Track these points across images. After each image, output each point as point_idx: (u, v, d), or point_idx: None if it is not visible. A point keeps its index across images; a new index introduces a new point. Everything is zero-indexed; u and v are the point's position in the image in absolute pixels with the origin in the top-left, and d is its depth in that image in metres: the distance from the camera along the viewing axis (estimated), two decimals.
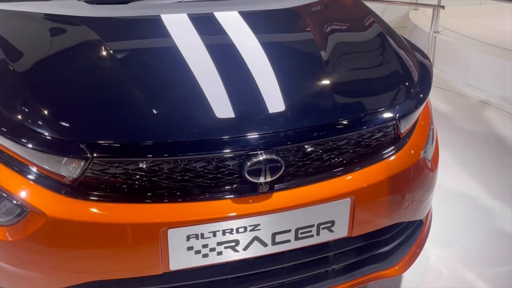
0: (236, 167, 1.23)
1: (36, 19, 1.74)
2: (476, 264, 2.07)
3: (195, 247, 1.22)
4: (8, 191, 1.22)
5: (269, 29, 1.79)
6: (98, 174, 1.19)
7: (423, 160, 1.55)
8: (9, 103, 1.33)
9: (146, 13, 1.78)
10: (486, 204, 2.53)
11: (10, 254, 1.25)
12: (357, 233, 1.40)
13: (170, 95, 1.38)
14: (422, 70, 1.68)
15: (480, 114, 3.74)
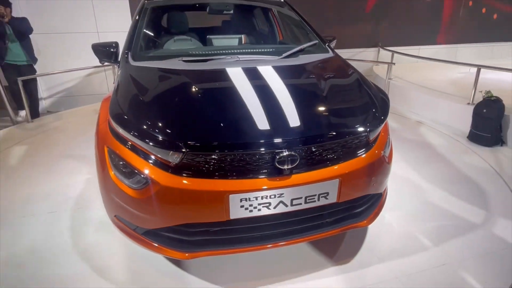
0: (270, 159, 1.46)
1: (154, 71, 1.98)
2: (415, 221, 2.28)
3: (244, 205, 1.46)
4: (139, 169, 1.48)
5: (289, 76, 1.93)
6: (189, 161, 1.44)
7: (383, 157, 1.72)
8: (139, 118, 1.55)
9: (217, 67, 1.99)
10: (420, 184, 2.77)
11: (139, 206, 1.51)
12: (343, 199, 1.60)
13: (231, 114, 1.58)
14: (383, 102, 1.86)
15: (416, 129, 4.06)
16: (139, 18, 2.54)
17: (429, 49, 7.26)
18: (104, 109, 1.84)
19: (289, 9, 2.90)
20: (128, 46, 2.29)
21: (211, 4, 2.77)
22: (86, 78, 5.55)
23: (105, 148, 1.65)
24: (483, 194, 2.64)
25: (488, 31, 7.62)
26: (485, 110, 3.49)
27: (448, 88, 4.82)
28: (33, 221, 2.31)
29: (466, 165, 3.12)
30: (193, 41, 2.67)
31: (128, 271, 1.87)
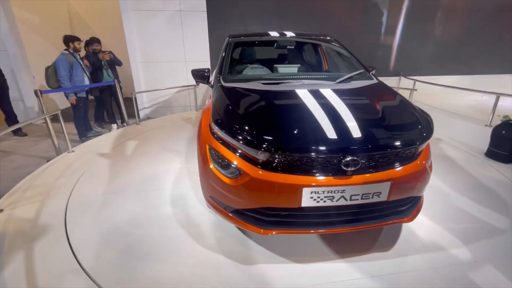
0: (337, 162, 1.42)
1: (241, 90, 2.00)
2: (443, 222, 2.07)
3: (313, 197, 1.44)
4: (233, 163, 1.51)
5: (347, 96, 1.85)
6: (273, 159, 1.45)
7: (426, 167, 1.62)
8: (236, 125, 1.56)
9: (288, 89, 1.97)
10: (445, 190, 2.52)
11: (231, 191, 1.53)
12: (392, 199, 1.52)
13: (304, 124, 1.56)
14: (428, 122, 1.74)
15: (438, 145, 3.66)
16: (226, 50, 2.62)
17: (444, 78, 6.69)
18: (205, 116, 1.90)
19: (337, 44, 2.83)
20: (219, 71, 2.36)
21: (279, 40, 2.79)
22: (174, 95, 5.86)
23: (207, 146, 1.70)
24: (504, 203, 2.34)
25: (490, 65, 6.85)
26: (504, 132, 3.12)
27: (462, 111, 4.39)
28: (145, 195, 2.45)
29: (485, 177, 2.79)
30: (264, 69, 2.70)
31: (213, 237, 1.91)
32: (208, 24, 5.44)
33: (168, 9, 5.25)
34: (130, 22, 5.17)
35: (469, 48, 6.69)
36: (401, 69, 6.52)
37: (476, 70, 6.81)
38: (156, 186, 2.59)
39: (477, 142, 3.55)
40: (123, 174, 2.85)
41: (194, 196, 2.41)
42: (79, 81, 4.10)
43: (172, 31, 5.38)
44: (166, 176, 2.79)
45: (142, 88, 5.59)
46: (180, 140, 3.81)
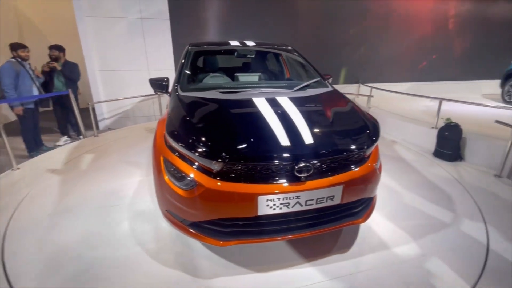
0: (290, 168, 1.44)
1: (198, 99, 1.96)
2: (396, 219, 2.17)
3: (269, 205, 1.43)
4: (187, 174, 1.46)
5: (302, 104, 1.88)
6: (228, 169, 1.42)
7: (375, 169, 1.69)
8: (190, 135, 1.52)
9: (246, 97, 1.96)
10: (398, 189, 2.67)
11: (187, 203, 1.48)
12: (345, 201, 1.56)
13: (260, 133, 1.54)
14: (375, 126, 1.81)
15: (392, 146, 3.96)
16: (185, 59, 2.58)
17: (399, 85, 7.26)
18: (160, 127, 1.83)
19: (296, 54, 2.93)
20: (177, 80, 2.31)
21: (239, 49, 2.82)
22: (136, 104, 5.63)
23: (161, 157, 1.64)
24: (449, 199, 2.55)
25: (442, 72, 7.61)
26: (447, 133, 3.43)
27: (414, 115, 4.77)
28: (99, 212, 2.29)
29: (433, 175, 3.04)
30: (224, 77, 2.69)
31: (172, 252, 1.83)
32: (172, 32, 5.35)
33: (129, 17, 5.08)
34: (86, 29, 4.90)
35: (421, 57, 7.35)
36: (361, 77, 6.94)
37: (427, 77, 7.48)
38: (113, 202, 2.43)
39: (426, 143, 3.87)
40: (76, 191, 2.63)
41: (154, 210, 2.30)
42: (26, 91, 3.76)
43: (133, 39, 5.20)
44: (125, 191, 2.63)
45: (101, 98, 5.29)
46: (142, 151, 3.65)
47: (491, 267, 1.73)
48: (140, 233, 2.02)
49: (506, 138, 2.97)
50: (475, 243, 1.95)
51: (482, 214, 2.30)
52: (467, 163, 3.41)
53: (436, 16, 7.05)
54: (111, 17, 4.98)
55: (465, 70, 7.69)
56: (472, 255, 1.83)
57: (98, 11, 4.90)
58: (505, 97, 5.66)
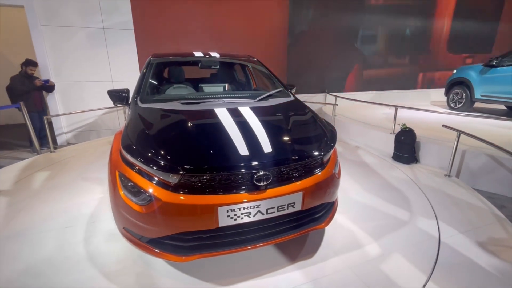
0: (249, 177, 1.43)
1: (157, 110, 1.92)
2: (359, 221, 2.25)
3: (230, 215, 1.40)
4: (144, 189, 1.40)
5: (262, 114, 1.90)
6: (185, 181, 1.39)
7: (334, 174, 1.73)
8: (146, 148, 1.47)
9: (207, 108, 1.94)
10: (360, 192, 2.79)
11: (144, 219, 1.41)
12: (306, 207, 1.57)
13: (219, 143, 1.52)
14: (332, 133, 1.87)
15: (355, 151, 4.16)
16: (146, 70, 2.52)
17: (363, 94, 7.72)
18: (116, 141, 1.76)
19: (260, 65, 3.00)
20: (137, 91, 2.25)
21: (202, 61, 2.82)
22: (100, 117, 5.35)
23: (117, 172, 1.56)
24: (406, 199, 2.72)
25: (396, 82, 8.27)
26: (402, 137, 3.69)
27: (375, 122, 5.08)
28: (51, 235, 2.10)
29: (392, 177, 3.23)
30: (188, 88, 2.67)
31: (133, 273, 1.72)
32: (137, 42, 5.22)
33: (90, 26, 4.88)
34: (41, 39, 4.61)
35: (384, 68, 7.91)
36: (328, 87, 7.29)
37: (386, 87, 8.07)
38: (67, 223, 2.25)
39: (386, 147, 4.13)
40: (25, 213, 2.40)
41: (115, 229, 2.15)
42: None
43: (95, 49, 4.98)
44: (82, 210, 2.45)
45: (59, 111, 4.95)
46: (103, 166, 3.44)
47: (443, 259, 1.86)
48: (97, 255, 1.87)
49: (452, 140, 3.26)
50: (428, 238, 2.09)
51: (434, 211, 2.48)
52: (422, 165, 3.68)
53: (388, 33, 7.68)
54: (70, 26, 4.75)
55: (415, 79, 8.43)
56: (426, 249, 1.95)
57: (55, 21, 4.65)
58: (451, 104, 6.26)
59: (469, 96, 5.76)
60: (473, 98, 5.72)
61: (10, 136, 5.63)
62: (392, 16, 7.51)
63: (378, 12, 7.34)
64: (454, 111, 5.93)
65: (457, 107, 6.08)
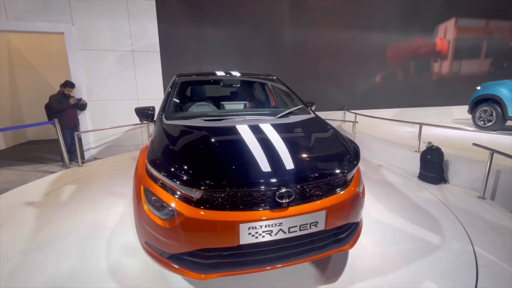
0: (271, 194, 1.42)
1: (182, 127, 1.97)
2: (385, 245, 2.14)
3: (251, 233, 1.39)
4: (167, 203, 1.43)
5: (284, 131, 1.90)
6: (208, 196, 1.40)
7: (358, 192, 1.67)
8: (170, 163, 1.51)
9: (229, 124, 1.98)
10: (385, 213, 2.65)
11: (166, 234, 1.42)
12: (329, 227, 1.53)
13: (241, 160, 1.54)
14: (355, 151, 1.83)
15: (378, 170, 4.00)
16: (171, 89, 2.64)
17: (382, 111, 7.57)
18: (142, 156, 1.82)
19: (279, 83, 3.05)
20: (162, 109, 2.34)
21: (224, 79, 2.92)
22: (125, 133, 5.61)
23: (141, 186, 1.60)
24: (437, 222, 2.55)
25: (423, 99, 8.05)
26: (429, 156, 3.53)
27: (398, 139, 4.92)
28: (75, 247, 2.15)
29: (419, 198, 3.06)
30: (210, 106, 2.75)
31: None
32: (162, 63, 5.53)
33: (120, 49, 5.25)
34: (77, 61, 5.01)
35: (408, 85, 7.77)
36: (347, 104, 7.22)
37: (412, 104, 7.86)
38: (92, 236, 2.30)
39: (411, 166, 3.95)
40: (52, 225, 2.50)
41: (136, 243, 2.18)
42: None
43: (123, 70, 5.33)
44: (106, 223, 2.52)
45: (88, 128, 5.25)
46: (126, 181, 3.56)
47: None
48: (119, 269, 1.89)
49: (484, 160, 3.06)
50: (464, 266, 1.92)
51: (469, 236, 2.29)
52: (451, 185, 3.47)
53: (410, 53, 7.60)
54: (102, 50, 5.14)
55: (437, 96, 8.17)
56: (462, 279, 1.79)
57: (89, 45, 5.06)
58: (478, 122, 5.94)
59: (501, 114, 5.45)
60: (506, 116, 5.39)
61: (44, 151, 6.01)
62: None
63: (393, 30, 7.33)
64: (483, 129, 5.62)
65: (486, 126, 5.76)
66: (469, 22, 7.95)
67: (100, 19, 5.01)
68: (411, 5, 7.30)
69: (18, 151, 6.13)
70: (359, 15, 6.86)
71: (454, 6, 7.68)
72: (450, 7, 7.67)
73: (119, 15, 5.10)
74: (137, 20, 5.23)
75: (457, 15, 7.78)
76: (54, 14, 4.77)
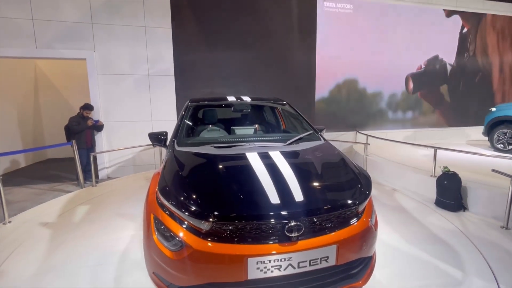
0: (281, 227, 1.39)
1: (192, 154, 2.01)
2: (401, 280, 2.02)
3: (259, 268, 1.36)
4: (176, 234, 1.43)
5: (293, 159, 1.92)
6: (217, 228, 1.39)
7: (370, 225, 1.63)
8: (180, 193, 1.52)
9: (239, 152, 2.01)
10: (401, 244, 2.53)
11: (174, 265, 1.41)
12: (340, 262, 1.48)
13: (249, 190, 1.53)
14: (367, 180, 1.79)
15: (392, 195, 3.87)
16: (184, 114, 2.73)
17: (395, 132, 7.46)
18: (154, 182, 1.84)
19: (289, 107, 3.10)
20: (175, 135, 2.41)
21: (235, 104, 2.99)
22: (138, 153, 5.75)
23: (152, 215, 1.62)
24: (456, 254, 2.40)
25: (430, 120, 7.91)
26: (445, 182, 3.40)
27: (411, 162, 4.79)
28: (85, 271, 2.17)
29: (437, 227, 2.92)
30: (221, 131, 2.81)
31: None
32: (176, 86, 5.75)
33: (137, 74, 5.52)
34: (96, 84, 5.29)
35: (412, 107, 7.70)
36: (358, 125, 7.18)
37: (416, 125, 7.74)
38: (100, 260, 2.32)
39: (427, 191, 3.81)
40: (64, 247, 2.53)
41: (144, 269, 2.16)
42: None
43: (139, 93, 5.56)
44: (115, 247, 2.53)
45: (104, 148, 5.43)
46: (138, 203, 3.60)
47: None
48: None
49: (505, 187, 2.92)
50: None
51: (493, 272, 2.14)
52: (471, 213, 3.30)
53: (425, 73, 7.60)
54: (120, 74, 5.42)
55: (450, 117, 8.00)
56: None
57: (109, 70, 5.35)
58: (497, 145, 5.72)
59: None
60: None
61: (61, 169, 6.22)
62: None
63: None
64: (502, 152, 5.40)
65: (507, 149, 5.53)
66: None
67: (120, 46, 5.33)
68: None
69: (37, 169, 6.37)
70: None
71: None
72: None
73: (137, 42, 5.42)
74: (154, 47, 5.53)
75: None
76: (78, 42, 5.12)
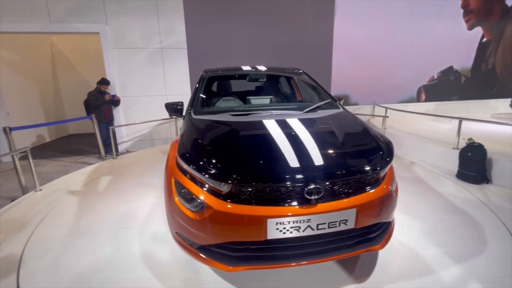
0: (300, 190, 1.39)
1: (210, 122, 2.00)
2: (419, 247, 2.02)
3: (279, 228, 1.38)
4: (197, 196, 1.46)
5: (312, 126, 1.87)
6: (236, 190, 1.41)
7: (391, 191, 1.61)
8: (200, 157, 1.53)
9: (256, 119, 1.98)
10: (419, 214, 2.50)
11: (196, 225, 1.46)
12: (359, 226, 1.48)
13: (269, 155, 1.52)
14: (388, 147, 1.74)
15: (411, 168, 3.79)
16: (199, 84, 2.69)
17: (416, 105, 7.13)
18: (173, 149, 1.87)
19: (307, 77, 2.98)
20: (191, 104, 2.40)
21: (250, 74, 2.91)
22: (154, 128, 5.86)
23: (172, 179, 1.65)
24: (477, 224, 2.36)
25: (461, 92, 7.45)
26: (470, 154, 3.26)
27: (433, 135, 4.60)
28: (111, 234, 2.31)
29: (458, 199, 2.85)
30: (237, 101, 2.77)
31: (182, 278, 1.78)
32: (189, 59, 5.66)
33: (150, 47, 5.46)
34: (111, 59, 5.29)
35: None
36: (376, 98, 6.90)
37: (438, 97, 7.33)
38: (125, 224, 2.45)
39: (448, 164, 3.69)
40: (91, 212, 2.69)
41: (166, 233, 2.28)
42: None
43: (153, 67, 5.54)
44: (138, 213, 2.66)
45: (121, 122, 5.56)
46: (157, 174, 3.72)
47: None
48: (151, 256, 1.99)
49: None
50: (508, 275, 1.76)
51: None
52: (495, 186, 3.18)
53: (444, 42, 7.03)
54: (134, 48, 5.38)
55: (475, 90, 7.50)
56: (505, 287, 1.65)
57: (122, 43, 5.31)
58: None
59: None
60: None
61: (82, 143, 6.49)
62: None
63: None
64: None
65: None
66: None
67: (132, 19, 5.23)
68: None
69: (60, 144, 6.68)
70: None
71: None
72: None
73: (149, 14, 5.29)
74: (165, 19, 5.39)
75: None
76: (91, 15, 5.06)
